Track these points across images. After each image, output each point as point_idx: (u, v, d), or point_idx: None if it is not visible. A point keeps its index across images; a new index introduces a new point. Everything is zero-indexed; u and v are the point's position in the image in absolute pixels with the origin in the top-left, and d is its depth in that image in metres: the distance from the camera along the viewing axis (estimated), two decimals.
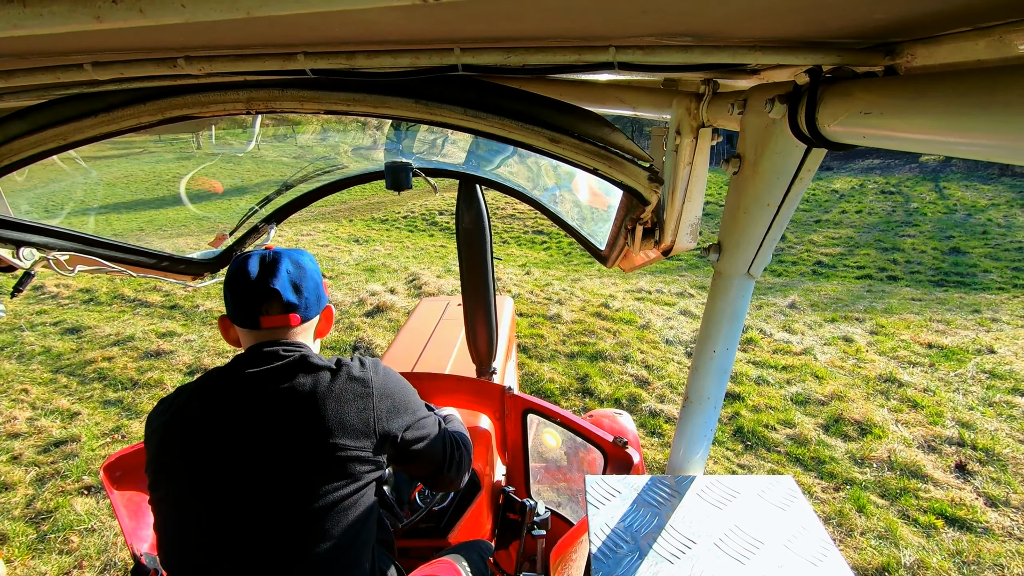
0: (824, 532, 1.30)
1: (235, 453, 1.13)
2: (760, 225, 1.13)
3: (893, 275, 9.85)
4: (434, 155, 2.59)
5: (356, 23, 0.73)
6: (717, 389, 1.39)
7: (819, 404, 4.89)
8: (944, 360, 5.76)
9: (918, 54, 0.73)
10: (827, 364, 5.69)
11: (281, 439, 1.13)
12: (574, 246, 12.00)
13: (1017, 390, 5.06)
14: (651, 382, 5.37)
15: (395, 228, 14.16)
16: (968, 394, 5.03)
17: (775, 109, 0.87)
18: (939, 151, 0.64)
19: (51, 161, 1.24)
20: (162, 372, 5.68)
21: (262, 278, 1.21)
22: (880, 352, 6.02)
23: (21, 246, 1.43)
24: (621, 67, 0.84)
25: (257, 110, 1.04)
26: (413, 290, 8.36)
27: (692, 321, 7.00)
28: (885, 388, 5.17)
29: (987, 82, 0.56)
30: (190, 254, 2.17)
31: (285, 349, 1.21)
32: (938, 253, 10.76)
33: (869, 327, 6.78)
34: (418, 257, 11.12)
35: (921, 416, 4.66)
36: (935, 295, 8.58)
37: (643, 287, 8.54)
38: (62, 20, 0.51)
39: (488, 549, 1.77)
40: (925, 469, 3.95)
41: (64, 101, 1.06)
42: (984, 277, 9.42)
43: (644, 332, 6.58)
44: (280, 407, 1.15)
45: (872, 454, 4.14)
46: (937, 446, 4.25)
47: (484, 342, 2.78)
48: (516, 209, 14.49)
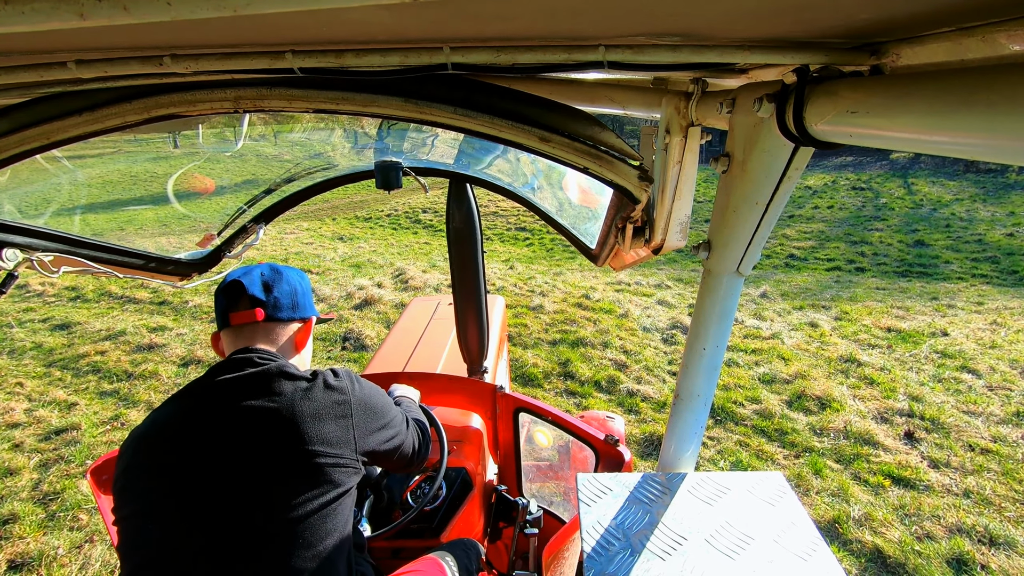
0: (814, 527, 1.31)
1: (209, 463, 1.09)
2: (749, 223, 1.14)
3: (861, 267, 10.35)
4: (424, 154, 2.58)
5: (345, 21, 0.73)
6: (707, 386, 1.40)
7: (784, 383, 5.22)
8: (901, 342, 6.17)
9: (903, 54, 0.74)
10: (793, 347, 6.03)
11: (257, 448, 1.10)
12: (556, 241, 12.16)
13: (965, 367, 5.48)
14: (629, 365, 5.62)
15: (379, 226, 14.23)
16: (921, 372, 5.45)
17: (763, 108, 0.88)
18: (924, 150, 0.65)
19: (34, 160, 1.22)
20: (156, 364, 5.68)
21: (237, 280, 1.28)
22: (843, 336, 6.41)
23: (3, 247, 1.40)
24: (611, 66, 0.85)
25: (245, 109, 1.03)
26: (400, 284, 8.47)
27: (669, 310, 7.35)
28: (845, 368, 5.54)
29: (971, 81, 0.57)
30: (177, 255, 2.14)
31: (260, 357, 1.21)
32: (903, 245, 11.35)
33: (834, 313, 7.19)
34: (403, 253, 11.23)
35: (876, 392, 5.03)
36: (898, 284, 9.10)
37: (622, 279, 8.77)
38: (45, 17, 0.50)
39: (475, 547, 1.77)
40: (877, 437, 4.31)
41: (47, 100, 1.04)
42: (945, 267, 10.03)
43: (623, 320, 6.86)
44: (255, 415, 1.12)
45: (830, 425, 4.49)
46: (889, 417, 4.63)
47: (475, 341, 2.78)
48: (499, 207, 14.57)
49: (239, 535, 1.06)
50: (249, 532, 1.07)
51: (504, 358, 4.05)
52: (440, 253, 11.12)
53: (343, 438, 1.17)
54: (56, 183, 2.42)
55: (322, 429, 1.14)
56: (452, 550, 1.66)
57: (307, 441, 1.12)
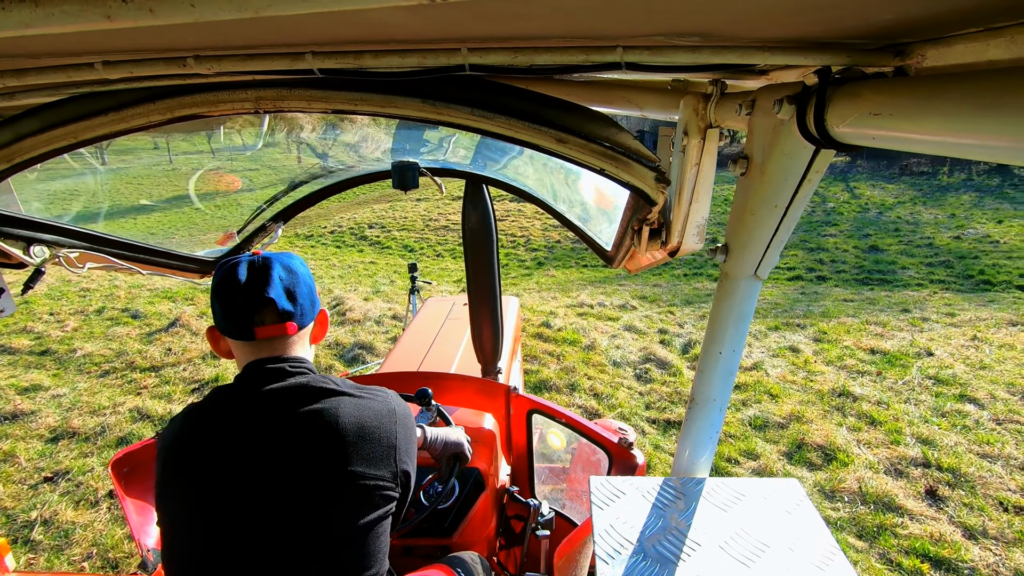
0: (830, 536, 1.29)
1: (252, 477, 1.07)
2: (767, 226, 1.12)
3: (822, 275, 10.27)
4: (441, 155, 2.60)
5: (363, 23, 0.73)
6: (723, 391, 1.39)
7: (778, 427, 4.76)
8: (889, 367, 5.84)
9: (929, 55, 0.73)
10: (779, 379, 5.61)
11: (303, 465, 1.07)
12: (511, 256, 11.85)
13: (964, 396, 5.15)
14: (601, 413, 5.07)
15: (320, 244, 13.23)
16: (919, 404, 5.06)
17: (783, 110, 0.87)
18: (950, 153, 0.63)
19: (62, 159, 1.25)
20: (15, 441, 4.49)
21: (254, 286, 1.14)
22: (827, 361, 6.05)
23: (32, 243, 1.44)
24: (628, 67, 0.84)
25: (265, 109, 1.05)
26: (335, 318, 7.47)
27: (638, 338, 6.82)
28: (840, 403, 5.11)
29: (999, 83, 0.55)
30: (197, 252, 2.18)
31: (292, 365, 1.16)
32: (859, 251, 11.33)
33: (812, 333, 6.86)
34: (344, 276, 10.38)
35: (881, 435, 4.59)
36: (864, 295, 8.92)
37: (584, 300, 8.31)
38: (73, 19, 0.52)
39: (481, 560, 1.76)
40: (898, 500, 3.83)
41: (75, 100, 1.07)
42: (903, 274, 10.00)
43: (590, 354, 6.28)
44: (301, 431, 1.09)
45: (841, 486, 4.00)
46: (903, 468, 4.18)
47: (489, 342, 2.78)
48: (450, 220, 13.86)
49: (282, 553, 1.05)
50: (292, 550, 1.05)
51: (518, 359, 4.05)
52: (386, 274, 10.50)
53: (385, 459, 1.14)
54: (83, 181, 2.48)
55: (367, 450, 1.11)
56: (461, 563, 1.65)
57: (351, 462, 1.09)
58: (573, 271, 11.25)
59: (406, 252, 12.87)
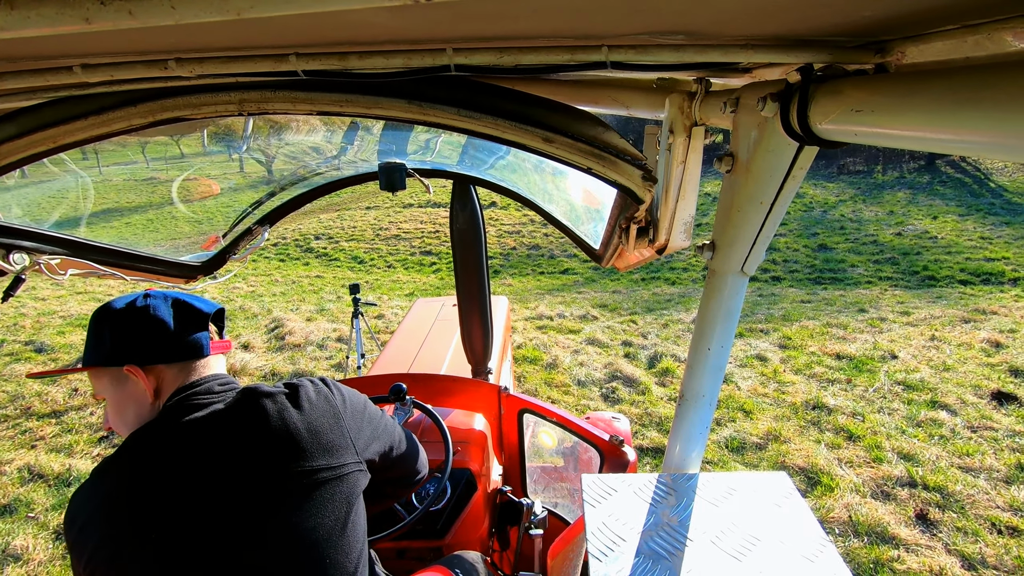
0: (819, 528, 1.31)
1: (213, 508, 0.99)
2: (753, 223, 1.13)
3: (776, 275, 10.44)
4: (428, 155, 2.59)
5: (348, 24, 0.73)
6: (712, 387, 1.40)
7: (756, 449, 4.59)
8: (857, 372, 5.84)
9: (908, 52, 0.74)
10: (751, 393, 5.48)
11: (262, 476, 1.01)
12: None
13: (935, 402, 5.12)
14: None
15: (263, 258, 12.25)
16: (893, 413, 5.01)
17: (767, 107, 0.87)
18: (930, 148, 0.64)
19: (41, 164, 1.23)
20: None
21: (191, 305, 1.14)
22: (796, 370, 5.99)
23: (11, 251, 1.41)
24: (614, 66, 0.84)
25: (249, 112, 1.04)
26: (274, 343, 6.91)
27: (602, 352, 6.50)
28: (816, 417, 5.00)
29: (977, 79, 0.56)
30: (182, 257, 2.16)
31: (220, 384, 1.13)
32: (809, 251, 11.55)
33: (776, 339, 6.81)
34: (287, 294, 9.76)
35: (861, 451, 4.48)
36: (820, 295, 9.08)
37: (543, 312, 8.01)
38: (50, 22, 0.51)
39: (478, 560, 1.76)
40: (890, 528, 3.67)
41: (53, 104, 1.05)
42: (853, 272, 10.25)
43: (552, 374, 5.95)
44: (249, 444, 1.03)
45: (831, 515, 3.83)
46: (890, 490, 4.05)
47: (479, 342, 2.78)
48: (401, 229, 13.19)
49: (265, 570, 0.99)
50: (269, 566, 0.99)
51: (508, 359, 4.05)
52: (333, 289, 10.03)
53: (342, 443, 1.11)
54: (62, 186, 2.43)
55: (322, 440, 1.08)
56: (458, 564, 1.64)
57: (311, 457, 1.05)
58: (530, 279, 10.96)
59: (355, 264, 12.21)
